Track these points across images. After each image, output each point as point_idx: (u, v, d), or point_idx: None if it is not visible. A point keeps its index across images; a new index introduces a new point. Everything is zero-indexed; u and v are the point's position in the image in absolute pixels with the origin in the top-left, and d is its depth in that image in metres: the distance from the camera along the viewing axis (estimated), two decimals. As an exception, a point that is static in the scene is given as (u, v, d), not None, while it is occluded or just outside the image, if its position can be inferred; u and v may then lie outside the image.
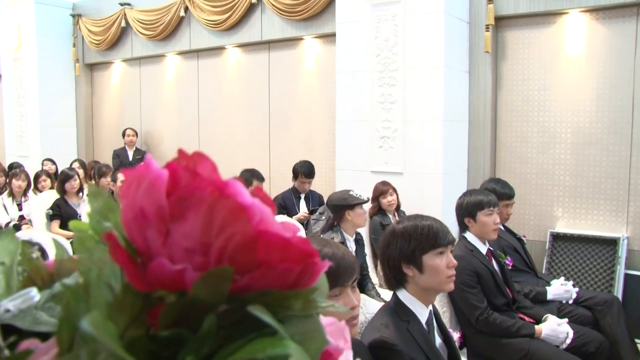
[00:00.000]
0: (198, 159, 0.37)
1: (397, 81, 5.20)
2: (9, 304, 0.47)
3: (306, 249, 0.35)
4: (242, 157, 7.07)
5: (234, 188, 0.34)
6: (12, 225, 5.96)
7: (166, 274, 0.33)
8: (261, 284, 0.34)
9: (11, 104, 8.98)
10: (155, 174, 0.34)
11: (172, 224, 0.33)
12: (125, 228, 0.36)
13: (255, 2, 6.61)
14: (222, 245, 0.33)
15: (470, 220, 3.24)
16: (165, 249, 0.34)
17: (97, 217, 0.41)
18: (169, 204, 0.33)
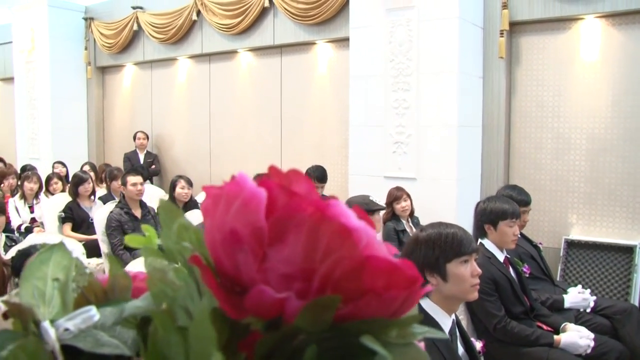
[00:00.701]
0: (294, 176, 0.35)
1: (411, 86, 5.17)
2: (68, 324, 0.45)
3: (412, 275, 0.33)
4: (253, 162, 7.05)
5: (337, 209, 0.32)
6: (24, 228, 5.97)
7: (266, 302, 0.31)
8: (365, 312, 0.32)
9: (23, 106, 9.01)
10: (250, 193, 0.32)
11: (270, 247, 0.32)
12: (210, 250, 0.34)
13: (267, 6, 6.60)
14: (327, 271, 0.31)
15: (490, 227, 3.22)
16: (261, 274, 0.32)
17: (170, 236, 0.39)
18: (267, 226, 0.31)
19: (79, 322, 0.44)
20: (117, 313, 0.41)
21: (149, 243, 0.51)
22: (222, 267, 0.33)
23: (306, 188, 0.35)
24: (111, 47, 8.46)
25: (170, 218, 0.38)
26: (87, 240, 5.30)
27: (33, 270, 0.49)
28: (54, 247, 0.51)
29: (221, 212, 0.33)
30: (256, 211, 0.32)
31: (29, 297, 0.47)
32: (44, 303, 0.47)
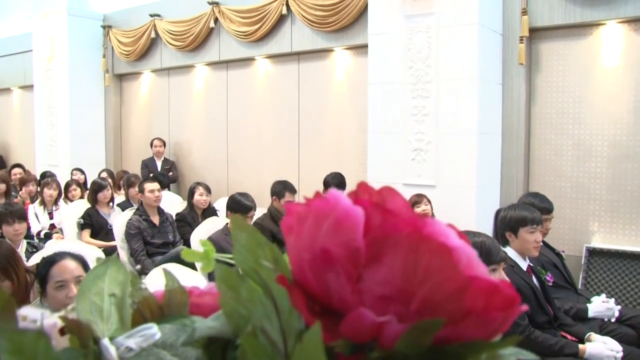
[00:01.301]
0: (387, 194, 0.33)
1: (431, 93, 5.15)
2: (129, 341, 0.44)
3: (512, 295, 0.31)
4: (270, 169, 7.05)
5: (435, 227, 0.30)
6: (43, 234, 6.00)
7: (365, 326, 0.29)
8: (464, 334, 0.30)
9: (42, 113, 9.09)
10: (344, 212, 0.30)
11: (366, 268, 0.30)
12: (294, 269, 0.33)
13: (285, 13, 6.60)
14: (427, 293, 0.29)
15: (511, 235, 3.18)
16: (355, 296, 0.30)
17: (243, 253, 0.37)
18: (364, 246, 0.29)
19: (141, 340, 0.43)
20: (188, 333, 0.39)
21: (206, 258, 0.49)
22: (308, 288, 0.32)
23: (400, 205, 0.33)
24: (129, 54, 8.51)
25: (242, 234, 0.37)
26: (106, 246, 5.32)
27: (89, 285, 0.47)
28: (109, 261, 0.49)
29: (309, 231, 0.31)
30: (352, 231, 0.30)
31: (86, 313, 0.45)
32: (102, 319, 0.45)
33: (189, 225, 5.19)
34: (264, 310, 0.35)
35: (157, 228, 5.02)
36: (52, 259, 2.46)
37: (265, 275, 0.35)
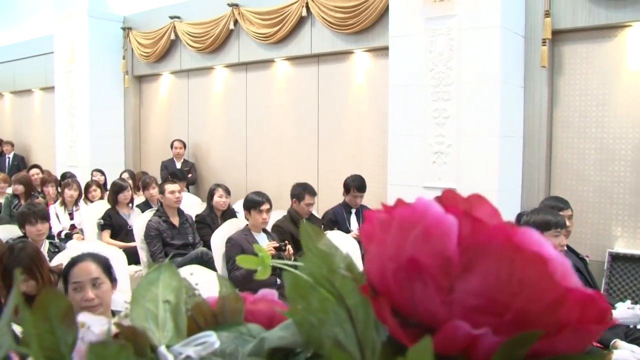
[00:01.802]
0: (476, 201, 0.32)
1: (452, 96, 5.11)
2: (188, 350, 0.42)
3: (605, 307, 0.29)
4: (290, 171, 7.04)
5: (527, 236, 0.29)
6: (64, 234, 6.04)
7: (459, 338, 0.28)
8: (558, 348, 0.29)
9: (63, 114, 9.16)
10: (435, 220, 0.29)
11: (458, 279, 0.28)
12: (375, 279, 0.31)
13: (305, 15, 6.60)
14: (522, 304, 0.28)
15: (536, 240, 3.14)
16: (445, 308, 0.28)
17: (315, 261, 0.36)
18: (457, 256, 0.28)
19: (200, 348, 0.42)
20: (256, 343, 0.38)
21: (262, 264, 0.48)
22: (390, 298, 0.30)
23: (489, 213, 0.31)
24: (148, 56, 8.55)
25: (313, 241, 0.35)
26: (126, 247, 5.33)
27: (142, 291, 0.46)
28: (161, 267, 0.48)
29: (394, 240, 0.30)
30: (444, 240, 0.28)
31: (141, 320, 0.44)
32: (157, 327, 0.44)
33: (209, 227, 5.19)
34: (337, 320, 0.33)
35: (177, 229, 5.03)
36: (74, 260, 2.47)
37: (338, 283, 0.34)
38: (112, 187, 5.89)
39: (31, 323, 0.33)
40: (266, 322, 0.47)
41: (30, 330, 0.33)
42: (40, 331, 0.34)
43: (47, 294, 0.35)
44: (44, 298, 0.34)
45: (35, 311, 0.34)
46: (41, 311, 0.34)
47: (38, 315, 0.34)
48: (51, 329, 0.35)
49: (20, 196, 6.61)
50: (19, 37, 11.25)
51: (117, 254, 3.87)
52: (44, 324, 0.34)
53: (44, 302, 0.34)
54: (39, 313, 0.34)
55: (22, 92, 11.60)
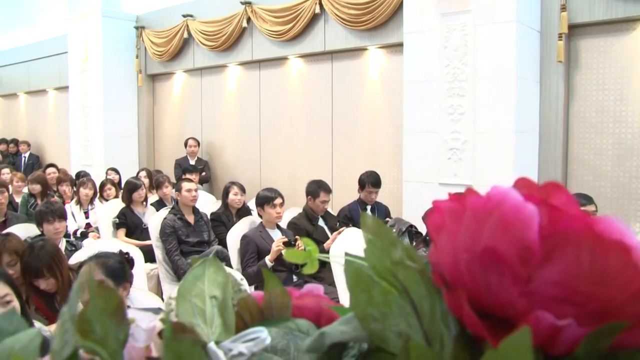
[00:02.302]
0: (552, 189, 0.30)
1: (467, 92, 5.08)
2: (240, 347, 0.41)
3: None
4: (304, 169, 7.03)
5: (609, 225, 0.27)
6: (79, 233, 6.06)
7: (542, 330, 0.26)
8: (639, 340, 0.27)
9: (77, 114, 9.21)
10: (514, 209, 0.28)
11: (538, 269, 0.27)
12: (445, 270, 0.30)
13: (318, 12, 6.57)
14: (606, 294, 0.26)
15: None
16: (524, 298, 0.27)
17: (376, 253, 0.34)
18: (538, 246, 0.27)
19: (252, 345, 0.40)
20: (314, 338, 0.37)
21: (309, 258, 0.46)
22: (468, 290, 0.29)
23: (566, 202, 0.30)
24: (162, 55, 8.57)
25: (375, 234, 0.34)
26: (141, 245, 5.33)
27: (188, 286, 0.45)
28: (206, 262, 0.47)
29: (468, 230, 0.28)
30: (524, 229, 0.27)
31: (188, 316, 0.43)
32: (205, 323, 0.43)
33: (224, 225, 5.20)
34: (400, 314, 0.32)
35: (192, 227, 5.03)
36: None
37: (402, 275, 0.32)
38: (126, 185, 5.90)
39: (84, 318, 0.32)
40: (313, 318, 0.46)
41: (96, 326, 0.32)
42: (93, 327, 0.33)
43: (99, 289, 0.34)
44: (97, 293, 0.33)
45: (88, 307, 0.33)
46: (94, 307, 0.33)
47: (91, 311, 0.33)
48: (104, 325, 0.34)
49: (36, 195, 6.64)
50: (33, 38, 11.33)
51: (133, 252, 3.87)
52: (83, 318, 0.33)
53: (96, 297, 0.33)
54: (92, 309, 0.33)
55: (37, 92, 11.68)
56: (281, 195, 4.62)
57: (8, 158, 11.32)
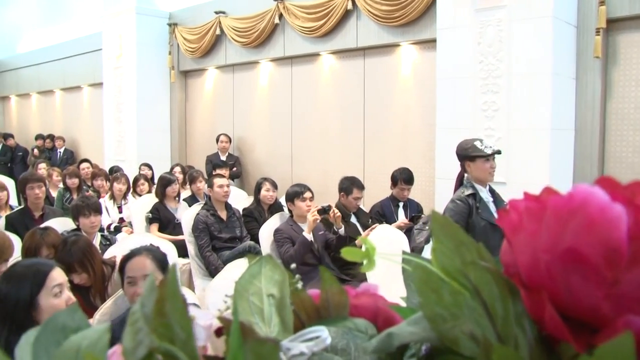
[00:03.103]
0: (638, 189, 0.29)
1: (501, 88, 5.02)
2: (300, 347, 0.41)
3: None
4: (335, 165, 7.03)
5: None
6: (113, 227, 6.13)
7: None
8: None
9: (111, 110, 9.34)
10: (600, 209, 0.26)
11: (625, 271, 0.26)
12: (523, 271, 0.29)
13: (351, 8, 6.55)
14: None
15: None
16: (609, 301, 0.26)
17: (447, 253, 0.33)
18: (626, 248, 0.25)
19: (312, 344, 0.40)
20: (381, 339, 0.36)
21: (367, 257, 0.46)
22: (548, 291, 0.28)
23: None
24: (194, 51, 8.63)
25: (445, 233, 0.33)
26: (174, 240, 5.38)
27: (245, 284, 0.45)
28: (262, 260, 0.47)
29: (548, 230, 0.27)
30: (610, 229, 0.26)
31: (246, 315, 0.42)
32: (263, 321, 0.42)
33: (256, 221, 5.21)
34: (471, 315, 0.31)
35: (225, 223, 5.06)
36: (131, 253, 2.50)
37: (473, 276, 0.32)
38: (159, 181, 5.95)
39: (150, 317, 0.32)
40: (371, 317, 0.45)
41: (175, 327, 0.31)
42: (156, 325, 0.33)
43: (164, 288, 0.33)
44: (162, 292, 0.33)
45: (165, 307, 0.32)
46: (159, 306, 0.33)
47: (156, 310, 0.33)
48: (168, 324, 0.33)
49: (72, 190, 6.74)
50: (68, 36, 11.51)
51: (167, 246, 3.90)
52: (160, 318, 0.33)
53: (161, 296, 0.33)
54: (157, 307, 0.33)
55: (72, 89, 11.86)
56: (310, 189, 4.66)
57: (44, 153, 11.52)
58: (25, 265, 2.13)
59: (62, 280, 2.11)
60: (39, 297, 2.03)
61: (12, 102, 14.48)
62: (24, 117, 13.99)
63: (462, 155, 3.60)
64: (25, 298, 2.01)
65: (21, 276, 2.06)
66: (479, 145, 3.53)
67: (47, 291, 2.04)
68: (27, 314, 2.01)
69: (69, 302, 2.08)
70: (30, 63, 12.96)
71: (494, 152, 3.53)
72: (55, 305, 2.04)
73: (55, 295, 2.05)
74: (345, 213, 4.79)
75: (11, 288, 2.03)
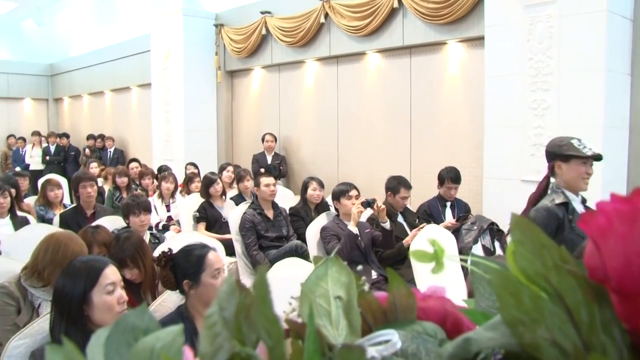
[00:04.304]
0: None
1: (552, 86, 4.92)
2: (372, 350, 0.40)
3: None
4: (381, 165, 6.99)
5: None
6: (161, 226, 6.23)
7: None
8: None
9: (159, 110, 9.50)
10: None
11: None
12: (615, 275, 0.27)
13: (397, 6, 6.50)
14: None
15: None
16: None
17: (528, 257, 0.32)
18: None
19: (382, 348, 0.39)
20: (458, 345, 0.35)
21: (435, 259, 0.45)
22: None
23: None
24: (240, 51, 8.70)
25: (526, 235, 0.32)
26: (221, 239, 5.43)
27: (311, 286, 0.44)
28: (328, 261, 0.46)
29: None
30: None
31: (314, 317, 0.42)
32: (331, 324, 0.42)
33: (302, 220, 5.23)
34: (553, 321, 0.30)
35: (271, 222, 5.08)
36: (206, 250, 2.53)
37: (555, 280, 0.30)
38: (203, 180, 6.02)
39: (231, 322, 0.32)
40: (439, 320, 0.44)
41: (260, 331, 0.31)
42: (238, 330, 0.33)
43: (251, 293, 0.33)
44: (248, 297, 0.32)
45: (251, 312, 0.32)
46: (243, 310, 0.32)
47: (240, 314, 0.32)
48: (238, 327, 0.33)
49: (121, 189, 6.88)
50: (117, 39, 11.75)
51: (215, 244, 3.94)
52: (246, 323, 0.32)
53: (247, 301, 0.32)
54: (241, 312, 0.32)
55: (121, 90, 12.11)
56: (356, 187, 4.68)
57: (95, 153, 11.79)
58: (82, 262, 2.18)
59: (115, 278, 2.15)
60: (91, 293, 2.08)
61: (65, 104, 14.87)
62: (76, 118, 14.35)
63: (553, 153, 3.02)
64: (79, 293, 2.07)
65: (77, 272, 2.12)
66: (576, 144, 2.97)
67: (100, 288, 2.09)
68: (80, 309, 2.07)
69: (120, 300, 2.12)
70: (81, 65, 13.29)
71: (594, 155, 2.95)
72: (106, 302, 2.09)
73: (107, 293, 2.10)
74: (392, 212, 4.77)
75: (67, 283, 2.09)
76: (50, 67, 14.80)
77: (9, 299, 2.61)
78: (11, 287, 2.64)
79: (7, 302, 2.61)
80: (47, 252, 2.69)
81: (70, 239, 2.77)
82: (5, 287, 2.64)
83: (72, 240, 2.76)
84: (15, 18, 15.22)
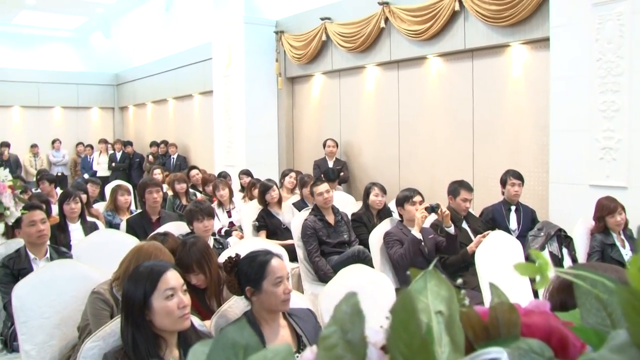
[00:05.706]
0: None
1: (622, 87, 4.76)
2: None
3: None
4: (443, 169, 6.91)
5: None
6: (224, 231, 6.30)
7: None
8: None
9: (220, 117, 9.65)
10: None
11: None
12: None
13: (458, 9, 6.42)
14: None
15: None
16: None
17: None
18: None
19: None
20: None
21: (539, 272, 0.43)
22: None
23: None
24: (300, 57, 8.75)
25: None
26: (283, 244, 5.45)
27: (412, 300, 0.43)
28: (427, 274, 0.45)
29: None
30: None
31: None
32: (433, 340, 0.40)
33: (365, 226, 5.20)
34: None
35: (333, 227, 5.07)
36: (270, 257, 2.53)
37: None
38: (259, 188, 6.05)
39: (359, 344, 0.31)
40: (544, 337, 0.43)
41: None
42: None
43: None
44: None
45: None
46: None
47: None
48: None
49: (180, 195, 6.97)
50: (180, 47, 12.02)
51: (279, 251, 3.96)
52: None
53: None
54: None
55: (184, 97, 12.37)
56: (420, 193, 4.64)
57: (159, 159, 12.06)
58: (144, 267, 2.22)
59: (175, 283, 2.16)
60: (152, 298, 2.10)
61: (129, 112, 15.30)
62: (140, 125, 14.74)
63: None
64: (139, 298, 2.10)
65: (139, 277, 2.16)
66: None
67: (160, 293, 2.11)
68: (142, 314, 2.09)
69: (181, 305, 2.12)
70: (145, 75, 13.67)
71: None
72: (166, 307, 2.10)
73: (167, 298, 2.11)
74: (456, 217, 4.69)
75: (131, 288, 2.13)
76: (115, 76, 15.29)
77: (103, 305, 2.69)
78: (106, 295, 2.72)
79: (102, 307, 2.69)
80: (137, 264, 2.75)
81: (160, 250, 2.81)
82: (101, 294, 2.72)
83: (160, 252, 2.80)
84: (85, 31, 15.82)
